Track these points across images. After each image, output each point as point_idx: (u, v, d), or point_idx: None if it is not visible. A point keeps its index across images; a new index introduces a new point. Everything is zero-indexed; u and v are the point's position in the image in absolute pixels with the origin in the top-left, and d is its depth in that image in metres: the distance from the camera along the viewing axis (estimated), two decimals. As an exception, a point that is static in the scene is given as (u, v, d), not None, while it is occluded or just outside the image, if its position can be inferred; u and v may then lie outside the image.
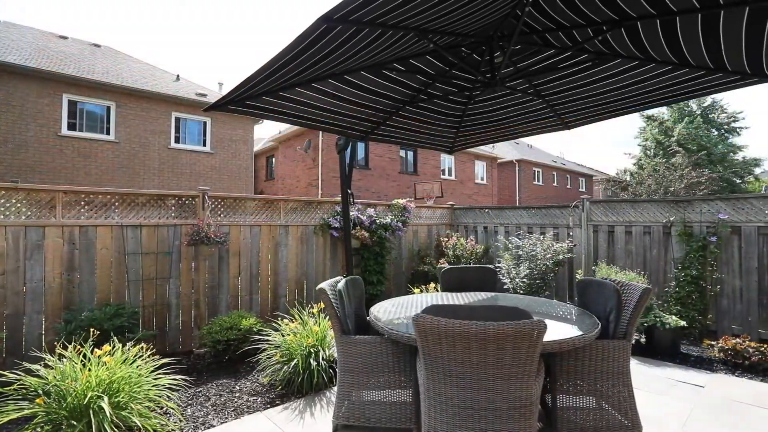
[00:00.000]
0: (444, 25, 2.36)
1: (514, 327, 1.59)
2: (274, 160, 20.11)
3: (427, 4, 1.94)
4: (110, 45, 17.70)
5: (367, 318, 2.69)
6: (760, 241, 4.47)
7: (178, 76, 15.40)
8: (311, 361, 3.21)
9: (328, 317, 3.46)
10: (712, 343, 4.07)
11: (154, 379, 2.78)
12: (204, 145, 14.02)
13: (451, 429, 1.77)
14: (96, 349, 2.75)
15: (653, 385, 3.41)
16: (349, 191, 4.12)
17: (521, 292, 5.66)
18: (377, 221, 6.12)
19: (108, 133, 12.12)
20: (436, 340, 1.70)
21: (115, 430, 2.29)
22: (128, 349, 2.83)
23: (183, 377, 3.06)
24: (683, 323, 4.21)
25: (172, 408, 2.78)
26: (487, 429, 1.72)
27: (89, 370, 2.50)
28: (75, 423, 2.29)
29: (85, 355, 2.66)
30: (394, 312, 2.80)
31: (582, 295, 2.93)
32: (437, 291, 5.27)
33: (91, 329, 3.28)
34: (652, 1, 2.07)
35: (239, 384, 3.47)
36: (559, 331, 2.33)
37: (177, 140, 13.41)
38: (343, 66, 2.57)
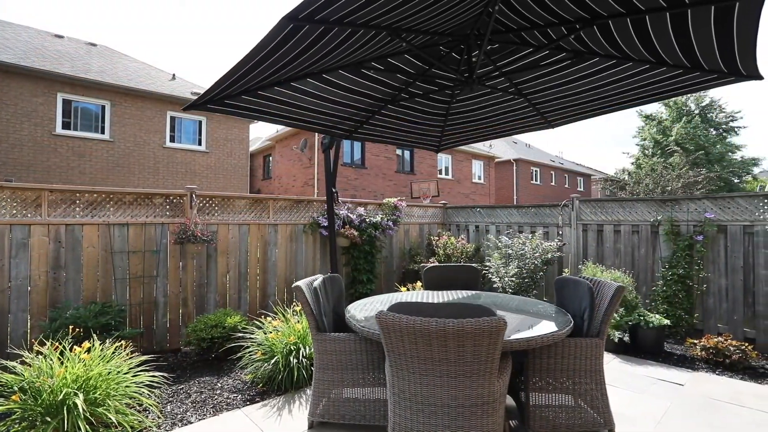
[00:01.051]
0: (417, 23, 2.36)
1: (473, 324, 1.60)
2: (271, 159, 20.12)
3: (394, 2, 1.94)
4: (107, 44, 17.70)
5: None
6: (746, 240, 4.48)
7: (174, 75, 15.40)
8: (291, 358, 3.22)
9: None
10: (695, 341, 4.08)
11: (134, 376, 2.80)
12: (199, 144, 14.03)
13: (415, 425, 1.78)
14: (75, 347, 2.77)
15: (633, 384, 3.42)
16: (333, 190, 4.13)
17: (510, 291, 5.67)
18: (367, 220, 6.14)
19: (103, 132, 12.12)
20: (398, 337, 1.72)
21: (88, 427, 2.30)
22: (107, 346, 2.84)
23: (162, 374, 3.08)
24: (667, 322, 4.22)
25: (151, 405, 2.79)
26: (450, 425, 1.74)
27: (65, 366, 2.52)
28: (49, 419, 2.30)
29: (62, 353, 2.67)
30: (372, 310, 2.81)
31: (559, 294, 2.95)
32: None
33: (76, 327, 3.30)
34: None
35: (221, 381, 3.49)
36: (530, 328, 2.34)
37: (172, 139, 13.42)
38: (319, 65, 2.58)
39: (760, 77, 2.57)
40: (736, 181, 25.64)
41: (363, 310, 2.76)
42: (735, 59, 2.37)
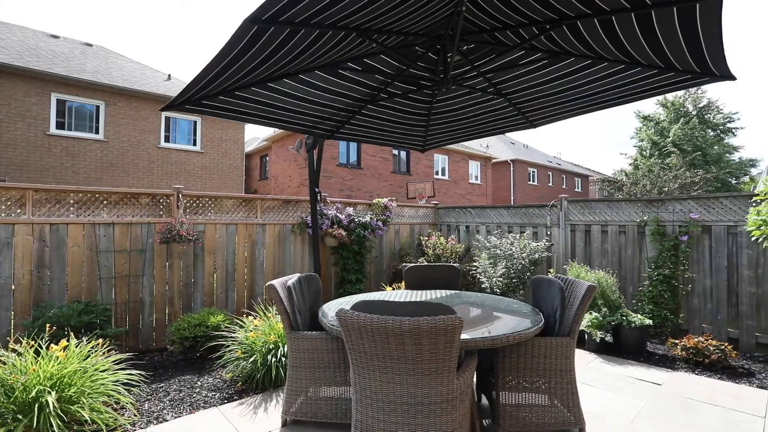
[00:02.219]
0: (388, 24, 2.38)
1: (429, 322, 1.61)
2: (267, 159, 20.14)
3: (360, 2, 1.95)
4: (103, 44, 17.72)
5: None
6: (730, 240, 4.49)
7: (169, 75, 15.43)
8: (269, 357, 3.24)
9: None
10: (676, 341, 4.09)
11: (111, 374, 2.81)
12: (194, 144, 14.05)
13: (375, 423, 1.80)
14: (53, 345, 2.78)
15: (612, 384, 3.43)
16: (317, 190, 4.14)
17: (498, 291, 5.68)
18: (356, 220, 6.15)
19: (97, 132, 12.14)
20: (357, 335, 1.73)
21: (61, 424, 2.31)
22: (83, 344, 2.85)
23: (141, 372, 3.09)
24: (648, 322, 4.23)
25: (128, 403, 2.80)
26: (410, 423, 1.75)
27: (38, 364, 2.53)
28: (21, 417, 2.31)
29: (38, 351, 2.69)
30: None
31: (535, 293, 2.96)
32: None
33: (60, 326, 3.31)
34: (586, 0, 2.10)
35: (202, 380, 3.50)
36: (498, 328, 2.36)
37: (167, 139, 13.45)
38: (293, 65, 2.59)
39: (732, 78, 2.59)
40: (733, 182, 25.65)
41: (337, 309, 2.77)
42: (705, 59, 2.39)
